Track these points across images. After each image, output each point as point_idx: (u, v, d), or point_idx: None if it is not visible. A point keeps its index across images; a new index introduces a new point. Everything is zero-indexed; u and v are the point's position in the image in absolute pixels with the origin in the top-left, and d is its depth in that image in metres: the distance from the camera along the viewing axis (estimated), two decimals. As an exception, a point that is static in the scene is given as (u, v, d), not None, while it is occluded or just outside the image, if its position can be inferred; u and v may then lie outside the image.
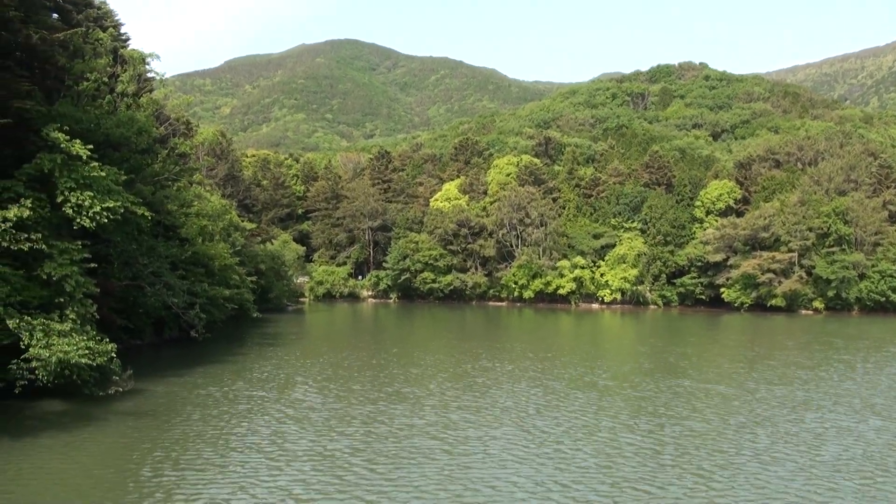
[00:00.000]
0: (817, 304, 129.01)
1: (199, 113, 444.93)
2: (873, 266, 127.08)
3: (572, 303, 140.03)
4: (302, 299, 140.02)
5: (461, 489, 26.71)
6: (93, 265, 42.62)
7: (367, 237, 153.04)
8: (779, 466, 29.78)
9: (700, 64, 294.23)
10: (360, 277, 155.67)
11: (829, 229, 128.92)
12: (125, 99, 61.77)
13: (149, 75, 73.17)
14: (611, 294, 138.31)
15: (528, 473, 28.61)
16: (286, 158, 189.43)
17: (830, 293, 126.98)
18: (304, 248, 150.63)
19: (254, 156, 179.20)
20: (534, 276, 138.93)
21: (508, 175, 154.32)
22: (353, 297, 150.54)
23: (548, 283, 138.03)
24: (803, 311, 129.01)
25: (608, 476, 28.37)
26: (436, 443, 32.99)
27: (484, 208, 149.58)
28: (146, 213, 46.96)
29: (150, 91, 74.04)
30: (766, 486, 27.10)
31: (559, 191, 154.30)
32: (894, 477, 28.44)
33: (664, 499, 25.85)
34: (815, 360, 62.97)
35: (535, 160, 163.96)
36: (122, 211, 42.88)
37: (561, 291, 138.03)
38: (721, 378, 52.18)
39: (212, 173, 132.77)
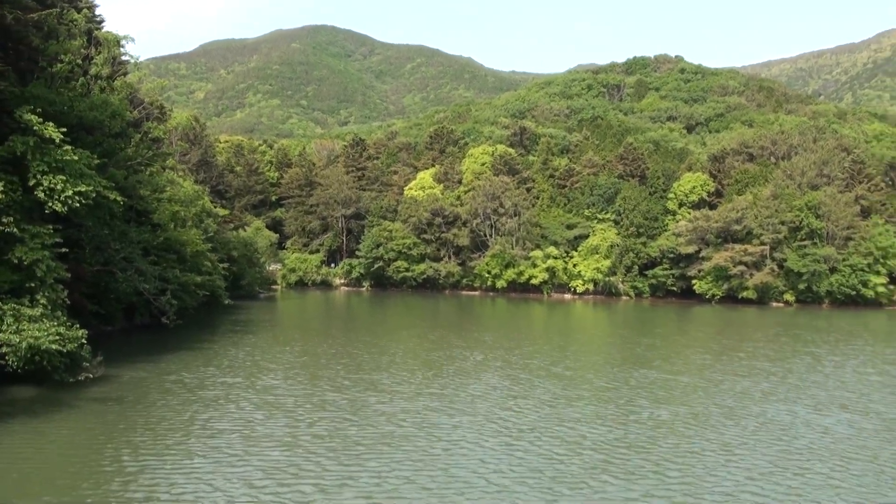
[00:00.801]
0: (788, 296, 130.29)
1: (173, 97, 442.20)
2: (844, 260, 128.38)
3: (545, 293, 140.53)
4: (274, 287, 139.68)
5: (428, 477, 26.95)
6: (64, 250, 42.43)
7: (340, 225, 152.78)
8: (741, 457, 30.16)
9: (676, 57, 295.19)
10: (332, 265, 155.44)
11: (801, 223, 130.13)
12: (99, 82, 61.30)
13: (123, 58, 72.61)
14: (583, 284, 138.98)
15: (493, 461, 28.92)
16: (260, 145, 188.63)
17: (801, 286, 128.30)
18: (277, 235, 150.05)
19: (227, 141, 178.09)
20: (507, 266, 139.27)
21: (483, 164, 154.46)
22: (326, 285, 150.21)
23: (521, 273, 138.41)
24: (774, 304, 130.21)
25: (572, 465, 28.62)
26: (405, 430, 33.24)
27: (458, 197, 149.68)
28: (118, 198, 46.74)
29: (125, 74, 73.44)
30: (728, 477, 27.43)
31: (533, 181, 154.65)
32: (855, 469, 28.86)
33: (628, 488, 26.13)
34: (782, 352, 63.65)
35: (510, 150, 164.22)
36: (94, 195, 42.68)
37: (534, 281, 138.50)
38: (688, 369, 52.65)
39: (185, 158, 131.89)
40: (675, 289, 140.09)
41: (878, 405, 40.75)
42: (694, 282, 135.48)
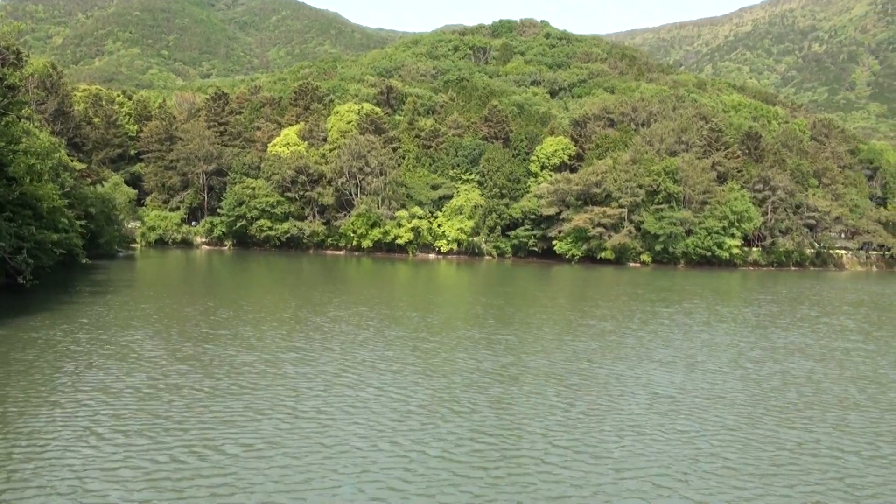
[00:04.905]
0: (645, 257, 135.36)
1: (30, 42, 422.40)
2: (700, 223, 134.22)
3: (410, 253, 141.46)
4: (133, 245, 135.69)
5: (273, 416, 27.76)
6: None
7: (201, 181, 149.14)
8: (556, 409, 30.85)
9: (541, 22, 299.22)
10: (193, 223, 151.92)
11: (658, 187, 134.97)
12: (-51, 24, 57.80)
13: (-22, -2, 68.50)
14: (447, 244, 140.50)
15: (333, 403, 30.15)
16: (119, 95, 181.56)
17: (658, 247, 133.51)
18: (136, 191, 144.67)
19: (85, 91, 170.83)
20: (372, 226, 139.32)
21: (349, 123, 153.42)
22: (186, 243, 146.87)
23: (386, 233, 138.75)
24: (631, 264, 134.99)
25: (400, 416, 29.05)
26: (263, 380, 33.83)
27: (323, 155, 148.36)
28: (-31, 150, 44.46)
29: (-20, 16, 69.36)
30: (522, 437, 27.87)
31: (399, 140, 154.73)
32: (673, 427, 30.08)
33: (443, 430, 26.68)
34: (622, 311, 65.15)
35: (377, 109, 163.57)
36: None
37: (399, 241, 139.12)
38: (521, 327, 53.43)
39: (41, 108, 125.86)
40: (536, 249, 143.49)
41: (706, 362, 42.27)
42: (555, 242, 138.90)
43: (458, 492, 22.07)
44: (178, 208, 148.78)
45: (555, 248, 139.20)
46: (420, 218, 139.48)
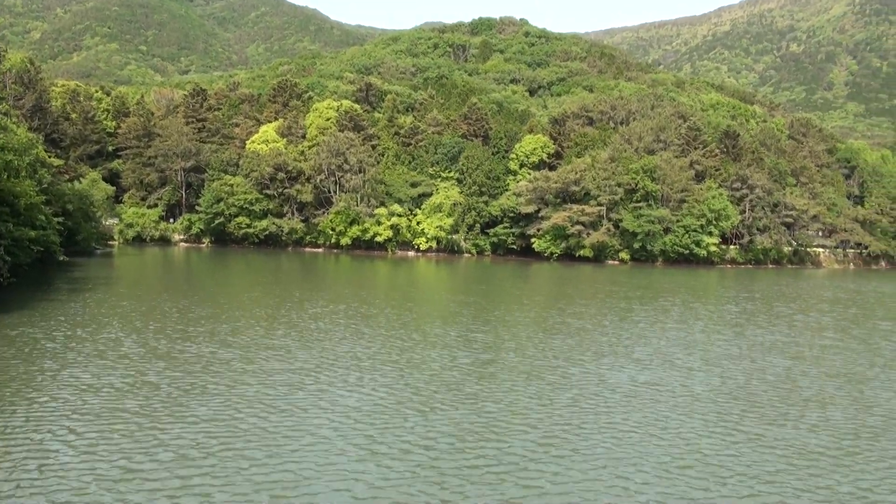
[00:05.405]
0: (623, 255, 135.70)
1: (8, 36, 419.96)
2: (678, 221, 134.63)
3: (389, 250, 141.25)
4: (111, 242, 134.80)
5: (249, 413, 27.93)
6: None
7: (179, 178, 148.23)
8: (520, 413, 30.77)
9: (521, 20, 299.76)
10: (171, 220, 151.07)
11: (636, 185, 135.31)
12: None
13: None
14: (426, 242, 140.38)
15: (309, 400, 30.17)
16: (96, 91, 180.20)
17: (636, 245, 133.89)
18: (114, 188, 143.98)
19: (63, 86, 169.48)
20: (351, 223, 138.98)
21: (328, 120, 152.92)
22: (164, 240, 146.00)
23: (365, 231, 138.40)
24: (610, 262, 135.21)
25: (371, 406, 29.17)
26: (240, 377, 34.03)
27: (302, 152, 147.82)
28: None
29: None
30: (497, 434, 27.99)
31: (378, 138, 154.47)
32: (627, 425, 30.24)
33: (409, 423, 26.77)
34: (598, 308, 65.33)
35: (356, 106, 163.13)
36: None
37: (378, 239, 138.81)
38: (498, 326, 53.54)
39: (18, 103, 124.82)
40: (515, 247, 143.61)
41: (682, 360, 42.34)
42: (533, 240, 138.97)
43: (429, 487, 22.12)
44: (156, 205, 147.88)
45: (534, 245, 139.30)
46: (399, 215, 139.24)
